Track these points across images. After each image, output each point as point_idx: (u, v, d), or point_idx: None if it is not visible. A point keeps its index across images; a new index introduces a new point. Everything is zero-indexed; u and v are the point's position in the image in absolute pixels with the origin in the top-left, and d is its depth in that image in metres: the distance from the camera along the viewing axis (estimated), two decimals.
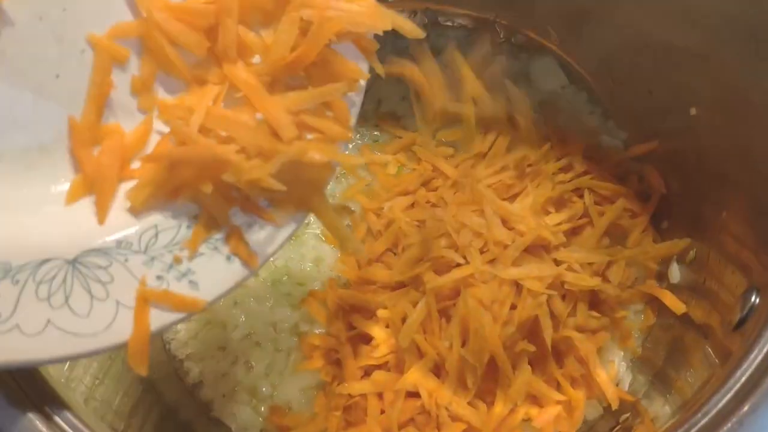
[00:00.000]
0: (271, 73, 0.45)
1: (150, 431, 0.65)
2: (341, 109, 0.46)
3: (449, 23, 0.92)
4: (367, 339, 0.73)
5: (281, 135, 0.43)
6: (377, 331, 0.72)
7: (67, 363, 0.57)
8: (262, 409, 0.75)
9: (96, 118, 0.46)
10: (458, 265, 0.70)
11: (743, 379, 0.51)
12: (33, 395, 0.48)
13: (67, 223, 0.45)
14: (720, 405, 0.50)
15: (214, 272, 0.45)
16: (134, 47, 0.46)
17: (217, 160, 0.42)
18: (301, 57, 0.45)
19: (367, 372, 0.72)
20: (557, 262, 0.71)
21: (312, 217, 0.81)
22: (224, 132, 0.43)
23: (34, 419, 0.47)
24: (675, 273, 0.75)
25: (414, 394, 0.69)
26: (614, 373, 0.75)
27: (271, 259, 0.77)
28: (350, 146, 0.87)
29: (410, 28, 0.47)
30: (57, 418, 0.48)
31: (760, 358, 0.51)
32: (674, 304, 0.72)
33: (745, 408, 0.49)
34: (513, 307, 0.68)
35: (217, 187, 0.44)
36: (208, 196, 0.44)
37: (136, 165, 0.47)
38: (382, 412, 0.69)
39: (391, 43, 0.90)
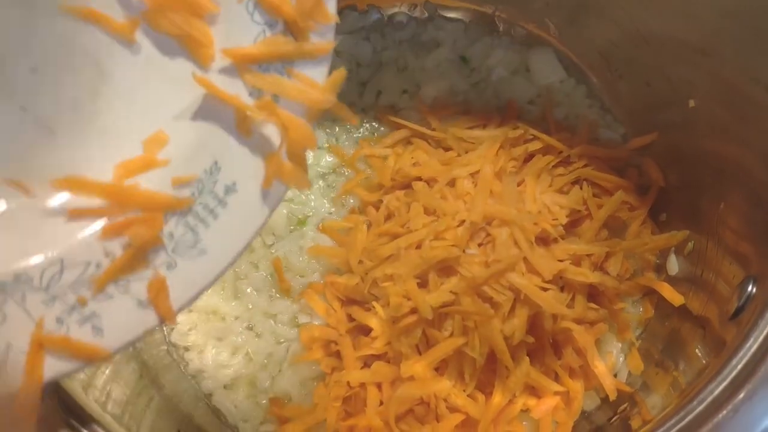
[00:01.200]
0: None
1: (150, 421, 0.65)
2: None
3: (448, 16, 0.92)
4: (366, 330, 0.73)
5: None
6: (376, 323, 0.72)
7: None
8: (262, 400, 0.76)
9: None
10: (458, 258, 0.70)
11: (739, 367, 0.51)
12: None
13: None
14: (716, 392, 0.51)
15: (121, 318, 0.39)
16: None
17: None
18: None
19: (367, 363, 0.73)
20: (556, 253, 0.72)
21: (313, 209, 0.82)
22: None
23: None
24: (673, 265, 0.75)
25: None
26: (612, 364, 0.75)
27: (272, 251, 0.80)
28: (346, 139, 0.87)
29: None
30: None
31: (755, 346, 0.52)
32: (672, 296, 0.72)
33: (741, 395, 0.49)
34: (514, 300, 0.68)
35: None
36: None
37: None
38: (381, 403, 0.70)
39: (390, 35, 0.91)
